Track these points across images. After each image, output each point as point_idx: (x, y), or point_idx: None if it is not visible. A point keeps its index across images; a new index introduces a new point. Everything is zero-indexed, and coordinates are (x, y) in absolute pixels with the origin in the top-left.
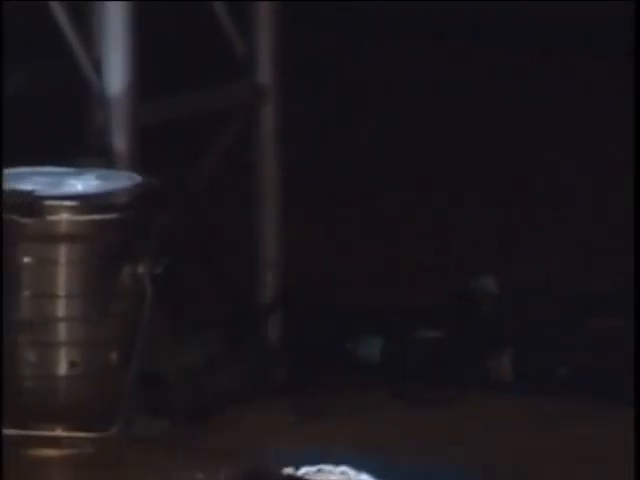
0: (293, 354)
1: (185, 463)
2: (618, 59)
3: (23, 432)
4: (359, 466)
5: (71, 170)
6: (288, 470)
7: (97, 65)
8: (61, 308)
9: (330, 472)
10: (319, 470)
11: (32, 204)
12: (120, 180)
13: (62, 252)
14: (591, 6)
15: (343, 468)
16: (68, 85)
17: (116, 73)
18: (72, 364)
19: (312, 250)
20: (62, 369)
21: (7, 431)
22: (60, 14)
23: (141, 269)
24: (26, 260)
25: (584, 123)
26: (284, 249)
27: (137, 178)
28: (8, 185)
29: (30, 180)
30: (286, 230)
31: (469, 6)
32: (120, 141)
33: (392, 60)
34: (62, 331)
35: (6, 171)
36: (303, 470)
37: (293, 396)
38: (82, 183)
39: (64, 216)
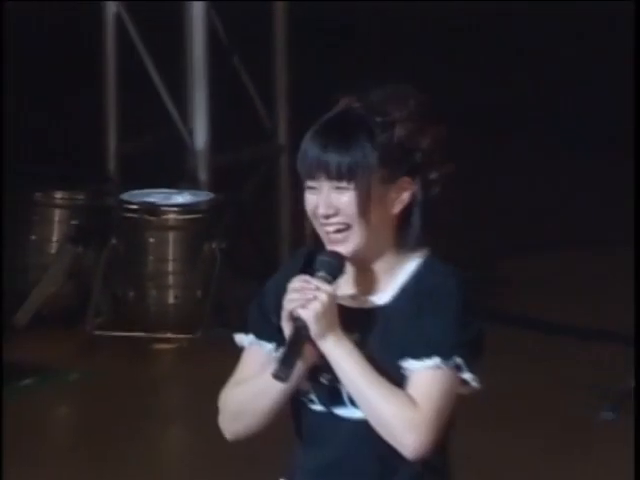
0: None
1: None
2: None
3: (149, 334)
4: None
5: (175, 190)
6: None
7: (190, 133)
8: (170, 266)
9: None
10: None
11: (154, 208)
12: (202, 196)
13: (170, 236)
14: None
15: None
16: (174, 144)
17: (200, 137)
18: (176, 297)
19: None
20: (171, 299)
21: (139, 334)
22: (171, 107)
23: (214, 245)
24: (151, 240)
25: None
26: (293, 232)
27: (211, 195)
28: (141, 198)
29: (153, 196)
30: (294, 220)
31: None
32: (202, 175)
33: None
34: (170, 279)
35: (139, 191)
36: None
37: None
38: (181, 197)
39: (171, 216)
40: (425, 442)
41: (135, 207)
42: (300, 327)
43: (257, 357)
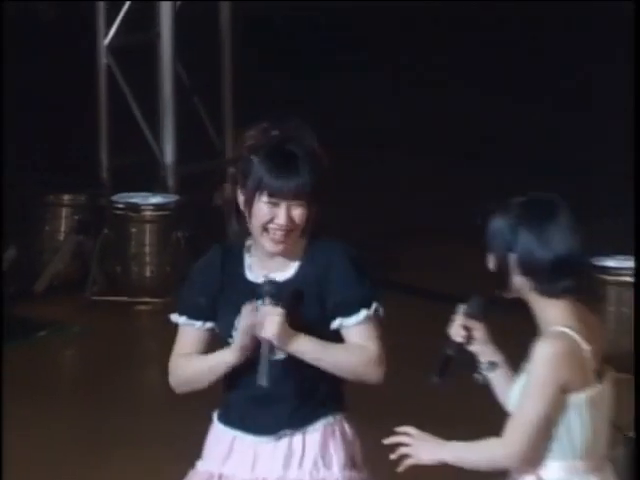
0: None
1: None
2: None
3: (132, 299)
4: None
5: (150, 194)
6: None
7: (161, 151)
8: (147, 249)
9: None
10: None
11: (135, 207)
12: (170, 198)
13: (147, 227)
14: None
15: None
16: (149, 159)
17: (168, 155)
18: (152, 272)
19: None
20: (148, 273)
21: (124, 299)
22: (147, 132)
23: (179, 234)
24: (133, 230)
25: None
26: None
27: (177, 197)
28: (126, 199)
29: (135, 197)
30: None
31: None
32: (170, 182)
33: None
34: (147, 258)
35: (125, 194)
36: None
37: None
38: (155, 199)
39: (148, 212)
40: (383, 369)
41: (122, 206)
42: (267, 344)
43: (191, 333)
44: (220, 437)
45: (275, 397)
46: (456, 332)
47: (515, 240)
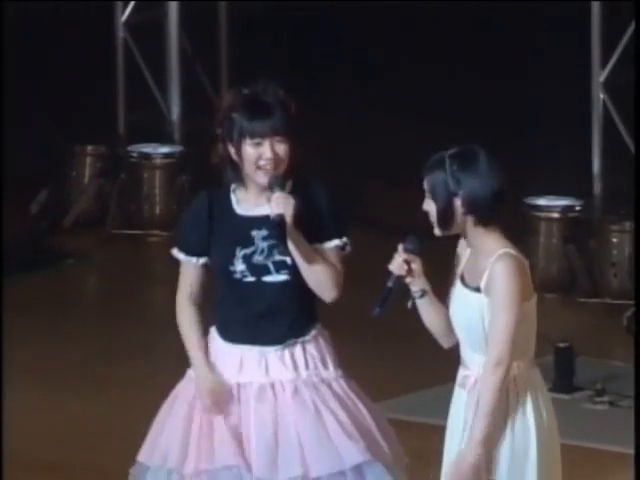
0: None
1: None
2: None
3: (145, 232)
4: None
5: (159, 144)
6: None
7: (169, 109)
8: (157, 191)
9: None
10: None
11: (147, 155)
12: (176, 148)
13: (157, 172)
14: None
15: None
16: (158, 116)
17: (175, 112)
18: (161, 210)
19: None
20: (157, 211)
21: (139, 232)
22: (157, 93)
23: (183, 178)
24: (145, 175)
25: None
26: None
27: (181, 147)
28: (139, 149)
29: (146, 147)
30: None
31: None
32: (176, 135)
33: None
34: (157, 199)
35: (138, 145)
36: None
37: None
38: (163, 149)
39: (157, 160)
40: (339, 293)
41: (135, 155)
42: (279, 220)
43: (190, 268)
44: (227, 353)
45: (280, 310)
46: (397, 266)
47: (458, 185)
